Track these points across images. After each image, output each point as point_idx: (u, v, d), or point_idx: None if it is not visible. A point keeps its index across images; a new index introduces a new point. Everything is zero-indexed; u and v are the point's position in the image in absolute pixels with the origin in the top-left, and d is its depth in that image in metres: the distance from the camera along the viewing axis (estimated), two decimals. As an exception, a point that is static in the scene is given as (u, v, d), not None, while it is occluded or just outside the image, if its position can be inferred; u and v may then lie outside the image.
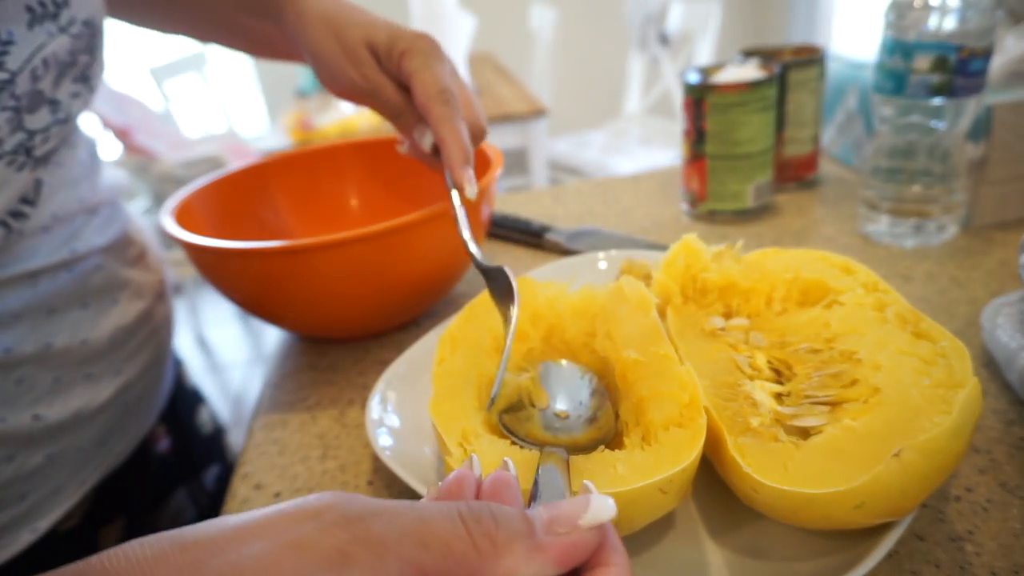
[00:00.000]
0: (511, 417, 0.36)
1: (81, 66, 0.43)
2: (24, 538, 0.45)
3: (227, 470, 0.69)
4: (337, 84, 0.48)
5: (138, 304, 0.53)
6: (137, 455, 0.56)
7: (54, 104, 0.41)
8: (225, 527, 0.20)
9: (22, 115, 0.39)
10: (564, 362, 0.39)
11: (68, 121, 0.43)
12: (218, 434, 0.70)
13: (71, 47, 0.41)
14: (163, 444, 0.61)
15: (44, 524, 0.46)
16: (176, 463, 0.62)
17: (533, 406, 0.37)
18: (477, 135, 0.47)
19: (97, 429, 0.49)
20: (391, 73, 0.47)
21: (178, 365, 0.66)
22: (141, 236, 0.58)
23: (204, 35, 0.57)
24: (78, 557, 0.19)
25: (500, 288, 0.40)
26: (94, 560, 0.19)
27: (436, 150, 0.47)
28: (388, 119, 0.49)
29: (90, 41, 0.43)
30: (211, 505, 0.66)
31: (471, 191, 0.43)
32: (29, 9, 0.38)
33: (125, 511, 0.54)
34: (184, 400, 0.66)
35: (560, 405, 0.37)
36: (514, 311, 0.38)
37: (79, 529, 0.50)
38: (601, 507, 0.22)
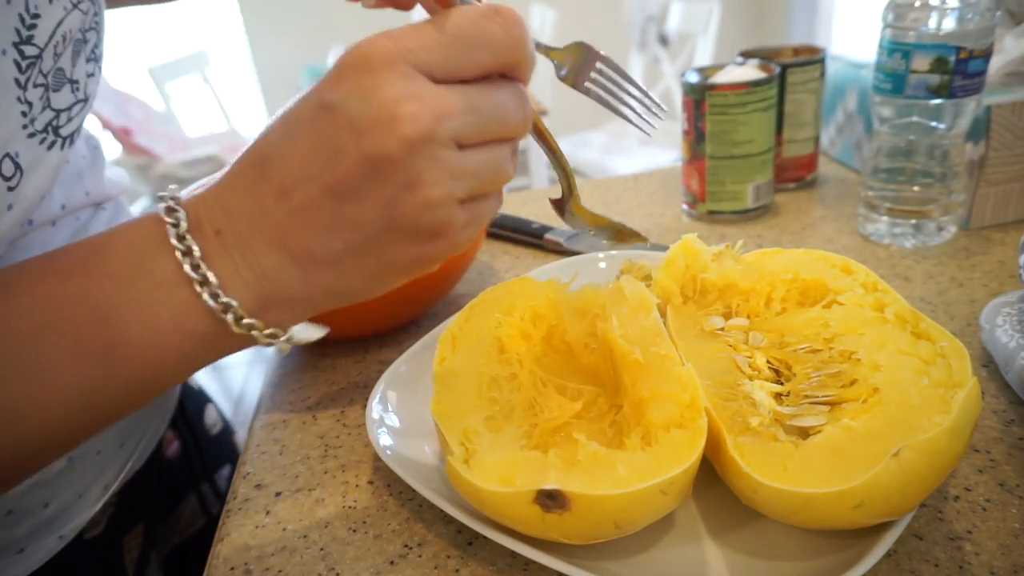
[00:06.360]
0: None
1: (91, 44, 0.43)
2: (49, 545, 0.44)
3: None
4: None
5: None
6: (151, 460, 0.55)
7: (74, 84, 0.41)
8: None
9: (49, 93, 0.39)
10: None
11: (87, 101, 0.43)
12: (227, 433, 0.70)
13: (81, 23, 0.41)
14: (173, 448, 0.61)
15: (69, 531, 0.45)
16: (186, 467, 0.62)
17: None
18: None
19: (114, 430, 0.49)
20: None
21: None
22: None
23: None
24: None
25: None
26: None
27: None
28: None
29: (95, 17, 0.43)
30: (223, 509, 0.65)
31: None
32: None
33: (144, 518, 0.54)
34: (192, 401, 0.65)
35: None
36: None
37: (103, 537, 0.49)
38: None
